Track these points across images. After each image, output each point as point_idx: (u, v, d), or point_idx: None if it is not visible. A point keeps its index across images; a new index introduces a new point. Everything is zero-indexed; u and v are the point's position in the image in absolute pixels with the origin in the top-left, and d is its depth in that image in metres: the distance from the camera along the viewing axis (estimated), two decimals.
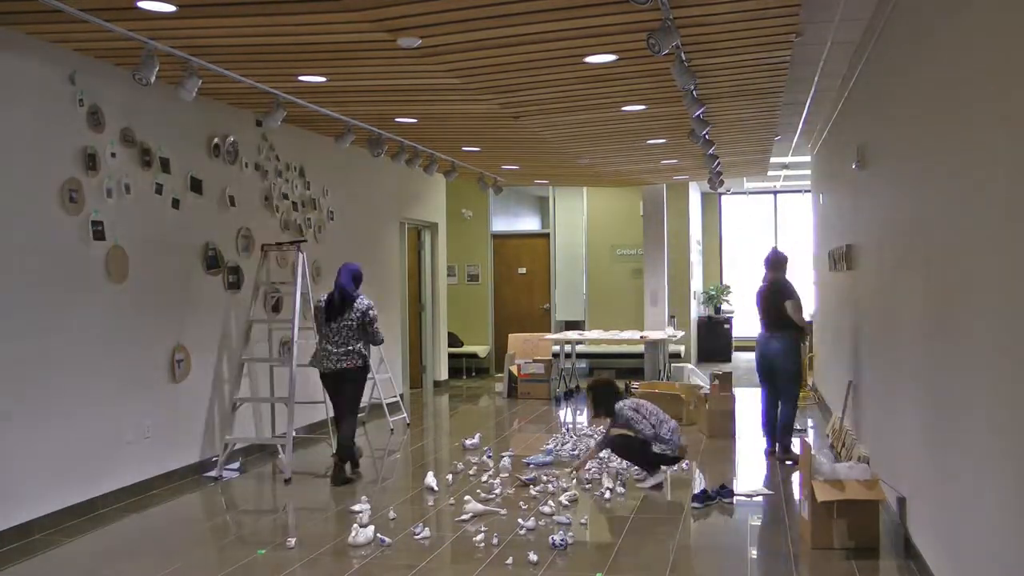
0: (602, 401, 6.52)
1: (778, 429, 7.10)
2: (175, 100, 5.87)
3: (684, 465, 6.64)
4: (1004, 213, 2.86)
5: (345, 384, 6.58)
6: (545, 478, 6.33)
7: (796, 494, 5.99)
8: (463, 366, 13.62)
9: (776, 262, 7.25)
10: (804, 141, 10.36)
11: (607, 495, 5.97)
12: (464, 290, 14.04)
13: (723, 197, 17.14)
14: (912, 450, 4.49)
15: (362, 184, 9.65)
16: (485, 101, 6.93)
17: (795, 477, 6.44)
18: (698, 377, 11.01)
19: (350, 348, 6.48)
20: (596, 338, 11.36)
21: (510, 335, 12.25)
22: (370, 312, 6.52)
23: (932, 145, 3.92)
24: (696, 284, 15.84)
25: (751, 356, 15.37)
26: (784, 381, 7.07)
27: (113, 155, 5.88)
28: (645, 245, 13.69)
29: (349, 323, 6.47)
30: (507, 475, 6.51)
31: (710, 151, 9.25)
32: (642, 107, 7.29)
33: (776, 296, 7.05)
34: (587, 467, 6.67)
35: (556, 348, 11.58)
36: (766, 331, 7.17)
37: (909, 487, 4.63)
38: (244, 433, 7.32)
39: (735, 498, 5.84)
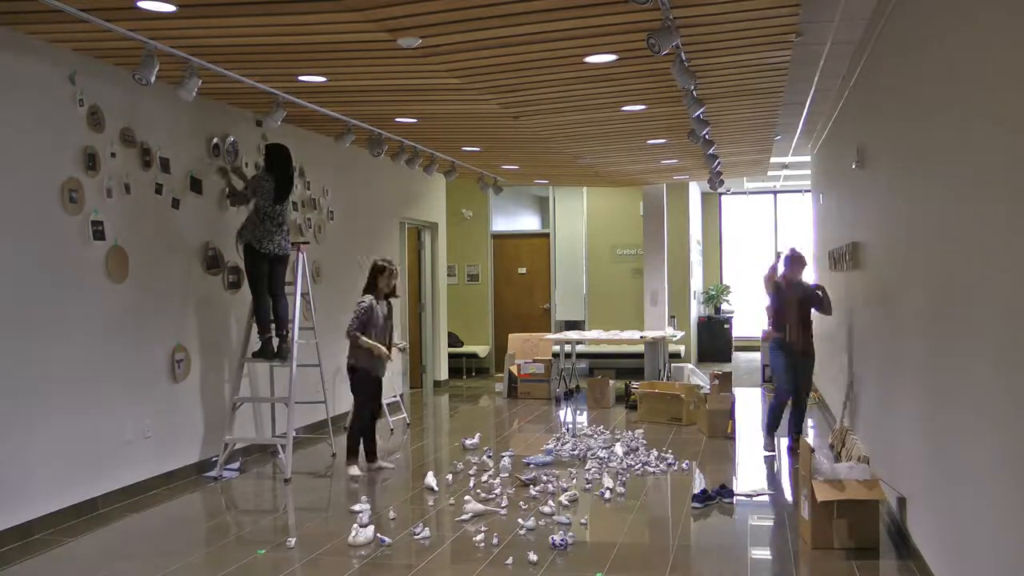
0: None
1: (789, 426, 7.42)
2: (175, 100, 5.87)
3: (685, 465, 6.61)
4: (1004, 211, 2.86)
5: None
6: (545, 478, 6.33)
7: (795, 494, 5.99)
8: (463, 366, 13.62)
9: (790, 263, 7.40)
10: (804, 141, 10.37)
11: (607, 495, 5.97)
12: (464, 290, 14.04)
13: (723, 197, 17.14)
14: (912, 450, 4.49)
15: (362, 184, 9.65)
16: (485, 101, 6.93)
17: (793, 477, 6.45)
18: (698, 377, 11.01)
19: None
20: (596, 338, 11.35)
21: (510, 335, 12.25)
22: None
23: (932, 145, 3.92)
24: (696, 284, 15.84)
25: (751, 356, 15.36)
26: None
27: (113, 155, 5.88)
28: (645, 245, 13.68)
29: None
30: (507, 475, 6.51)
31: (710, 151, 9.24)
32: (642, 107, 7.29)
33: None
34: (587, 467, 6.68)
35: (556, 348, 11.58)
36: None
37: (909, 487, 4.63)
38: (244, 433, 7.32)
39: (735, 498, 5.84)
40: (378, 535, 5.02)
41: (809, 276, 7.96)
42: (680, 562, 4.64)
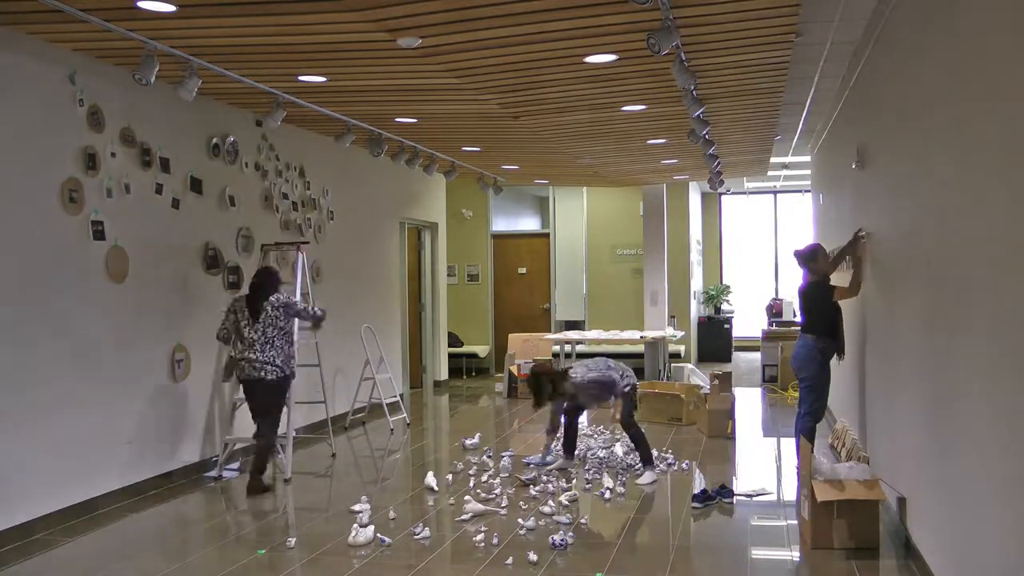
0: (543, 389, 6.55)
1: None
2: (175, 100, 5.87)
3: (684, 465, 6.56)
4: (1003, 211, 2.86)
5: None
6: (545, 478, 6.33)
7: (796, 494, 5.98)
8: (463, 366, 13.62)
9: (806, 257, 6.43)
10: (804, 141, 10.36)
11: (607, 495, 5.97)
12: (464, 290, 14.04)
13: (723, 197, 17.13)
14: (912, 450, 4.49)
15: (362, 184, 9.65)
16: (485, 101, 6.93)
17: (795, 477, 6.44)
18: (698, 377, 11.01)
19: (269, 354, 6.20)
20: (596, 338, 11.35)
21: (510, 335, 12.25)
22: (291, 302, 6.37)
23: (932, 144, 3.92)
24: (696, 284, 15.84)
25: (752, 356, 15.34)
26: (802, 387, 6.35)
27: (113, 155, 5.88)
28: (645, 245, 13.68)
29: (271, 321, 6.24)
30: (507, 475, 6.51)
31: (710, 151, 9.24)
32: (642, 107, 7.29)
33: (816, 294, 6.31)
34: (587, 467, 6.69)
35: (556, 348, 11.57)
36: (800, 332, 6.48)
37: (909, 487, 4.63)
38: (244, 433, 7.31)
39: (735, 498, 5.84)
40: (378, 535, 5.01)
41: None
42: (680, 562, 4.64)
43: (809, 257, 6.41)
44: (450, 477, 6.46)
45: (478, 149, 9.56)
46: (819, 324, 6.25)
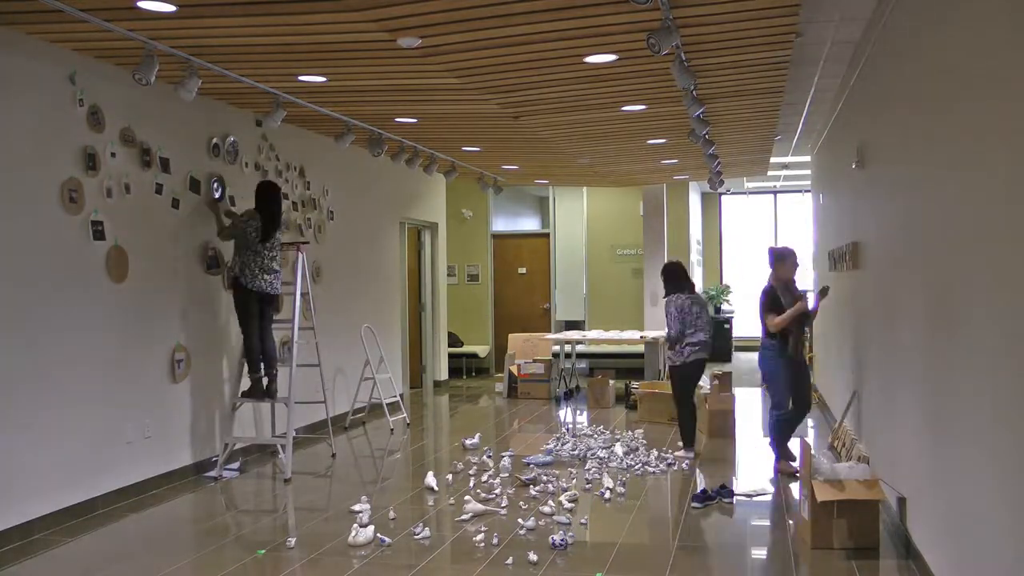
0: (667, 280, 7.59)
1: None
2: (175, 100, 5.87)
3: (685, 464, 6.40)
4: (1003, 210, 2.86)
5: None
6: (545, 478, 6.33)
7: (796, 494, 5.99)
8: (463, 366, 13.62)
9: (776, 257, 6.68)
10: (804, 141, 10.37)
11: (607, 495, 5.97)
12: (464, 290, 14.05)
13: (723, 197, 17.14)
14: (912, 450, 4.49)
15: (362, 184, 9.65)
16: (485, 101, 6.93)
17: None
18: None
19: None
20: (596, 338, 11.35)
21: (510, 335, 12.25)
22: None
23: (931, 144, 3.92)
24: (696, 284, 15.83)
25: (752, 356, 15.40)
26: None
27: (113, 155, 5.88)
28: (645, 245, 13.69)
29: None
30: (507, 475, 6.51)
31: (710, 151, 9.25)
32: (642, 107, 7.29)
33: (764, 300, 6.70)
34: (587, 467, 6.69)
35: (556, 348, 11.58)
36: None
37: (909, 487, 4.63)
38: (244, 433, 7.32)
39: (735, 498, 5.85)
40: (378, 535, 5.02)
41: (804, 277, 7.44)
42: (680, 562, 4.64)
43: (777, 259, 6.66)
44: (450, 477, 6.47)
45: (478, 149, 9.56)
46: (764, 326, 6.73)
